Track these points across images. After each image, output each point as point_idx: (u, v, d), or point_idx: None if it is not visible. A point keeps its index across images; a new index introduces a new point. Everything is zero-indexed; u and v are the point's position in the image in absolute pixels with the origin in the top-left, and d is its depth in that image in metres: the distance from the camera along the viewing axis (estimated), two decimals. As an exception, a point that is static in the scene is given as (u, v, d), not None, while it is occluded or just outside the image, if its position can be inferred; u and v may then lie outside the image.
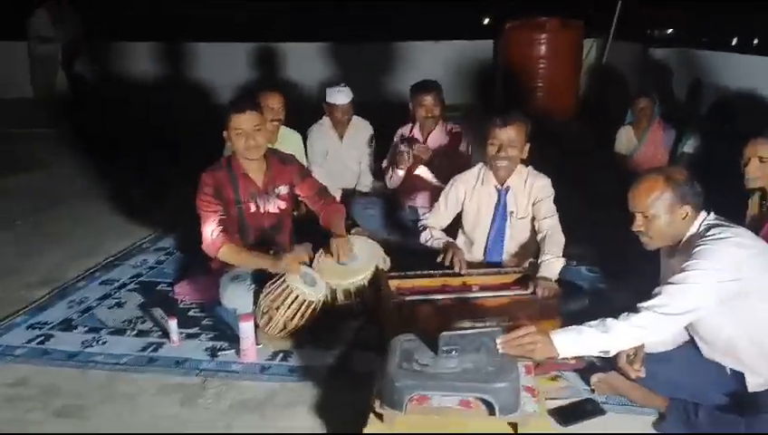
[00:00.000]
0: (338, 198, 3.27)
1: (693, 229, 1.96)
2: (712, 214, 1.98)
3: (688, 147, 3.77)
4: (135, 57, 8.34)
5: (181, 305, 2.96)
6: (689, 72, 4.84)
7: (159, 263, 3.51)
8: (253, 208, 2.79)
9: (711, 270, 1.81)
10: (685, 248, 1.95)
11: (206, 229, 2.65)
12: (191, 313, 2.89)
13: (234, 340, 2.51)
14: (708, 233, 1.90)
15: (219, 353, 2.52)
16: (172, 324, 2.58)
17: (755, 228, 2.32)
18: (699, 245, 1.86)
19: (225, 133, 2.71)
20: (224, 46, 8.21)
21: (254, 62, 8.08)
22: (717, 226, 1.92)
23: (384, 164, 3.75)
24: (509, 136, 2.65)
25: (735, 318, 1.87)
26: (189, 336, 2.66)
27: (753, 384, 1.91)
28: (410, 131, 3.68)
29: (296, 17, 9.60)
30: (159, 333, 2.70)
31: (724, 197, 2.44)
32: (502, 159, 2.69)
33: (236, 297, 2.57)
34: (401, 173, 3.48)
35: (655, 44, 5.87)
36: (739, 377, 1.95)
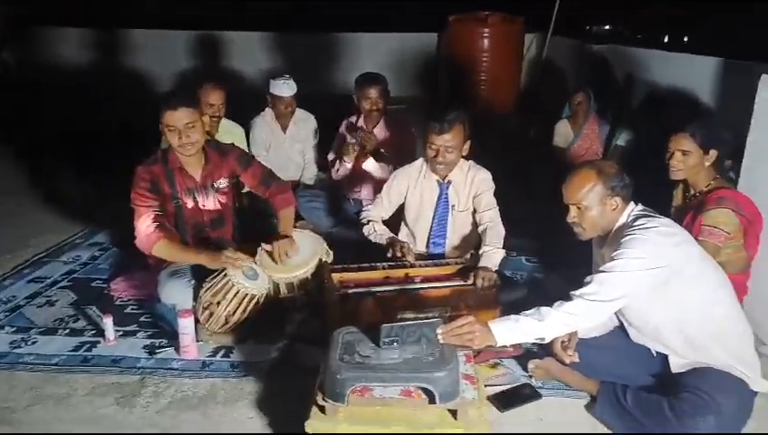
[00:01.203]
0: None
1: (622, 220, 2.06)
2: (639, 205, 2.08)
3: (621, 140, 3.93)
4: (68, 43, 7.92)
5: (117, 303, 2.87)
6: (623, 68, 5.03)
7: (94, 259, 3.38)
8: (191, 204, 2.72)
9: (638, 259, 1.89)
10: (614, 238, 2.04)
11: (141, 224, 2.56)
12: (128, 310, 2.80)
13: (173, 337, 2.46)
14: (636, 223, 1.99)
15: (158, 351, 2.46)
16: (107, 322, 2.50)
17: (679, 218, 2.45)
18: (627, 235, 1.95)
19: (160, 126, 2.62)
20: (163, 33, 7.93)
21: (195, 50, 7.84)
22: (644, 216, 2.02)
23: (330, 156, 3.74)
24: (446, 142, 2.67)
25: (661, 304, 1.97)
26: (126, 334, 2.58)
27: (676, 365, 2.02)
28: (356, 123, 3.67)
29: (238, 5, 9.36)
30: (94, 331, 2.61)
31: (654, 188, 2.57)
32: (440, 162, 2.72)
33: (176, 293, 2.51)
34: (348, 165, 3.47)
35: (592, 41, 6.06)
36: (664, 359, 2.06)
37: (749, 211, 2.37)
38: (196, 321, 2.43)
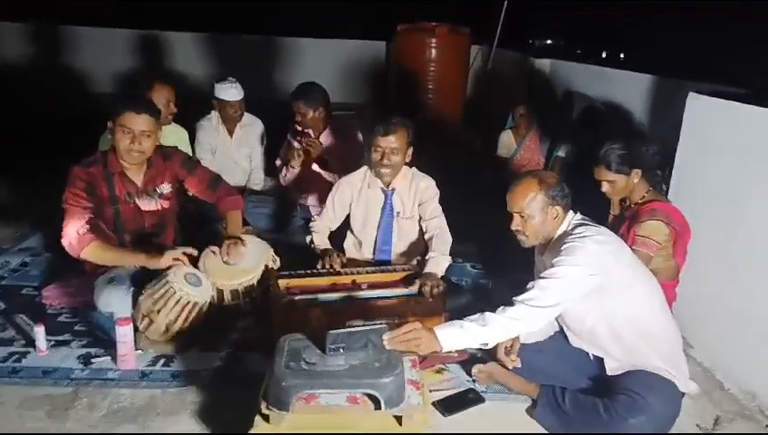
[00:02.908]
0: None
1: (562, 228, 2.13)
2: (578, 214, 2.17)
3: (561, 151, 4.07)
4: (2, 37, 7.52)
5: (50, 311, 2.73)
6: (563, 81, 5.23)
7: (24, 265, 3.21)
8: (131, 209, 2.62)
9: (576, 266, 1.97)
10: (555, 245, 2.11)
11: (71, 226, 2.43)
12: (61, 318, 2.68)
13: (110, 346, 2.36)
14: (575, 232, 2.07)
15: (93, 361, 2.35)
16: (39, 332, 2.38)
17: (616, 227, 2.57)
18: (567, 242, 2.03)
19: (109, 123, 2.51)
20: (102, 31, 7.64)
21: (136, 49, 7.61)
22: (583, 225, 2.10)
23: (277, 162, 3.70)
24: (391, 143, 2.71)
25: (597, 309, 2.05)
26: (59, 344, 2.46)
27: (611, 368, 2.11)
28: (302, 129, 3.64)
29: (181, 4, 9.13)
30: (24, 341, 2.47)
31: (593, 196, 2.68)
32: (385, 166, 2.75)
33: (113, 300, 2.42)
34: (295, 170, 3.45)
35: (534, 54, 6.27)
36: (600, 362, 2.15)
37: (679, 223, 2.50)
38: (135, 329, 2.35)
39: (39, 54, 7.59)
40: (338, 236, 3.00)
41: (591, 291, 1.99)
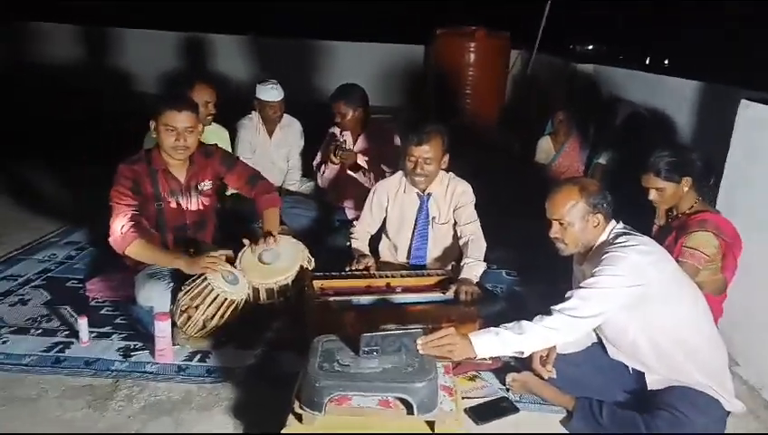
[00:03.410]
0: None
1: (603, 237, 2.08)
2: (620, 223, 2.11)
3: (602, 158, 3.98)
4: (55, 40, 7.82)
5: (93, 303, 2.82)
6: (605, 87, 5.12)
7: (70, 258, 3.31)
8: (173, 205, 2.68)
9: (618, 276, 1.92)
10: (595, 255, 2.06)
11: (117, 223, 2.50)
12: (104, 311, 2.75)
13: (149, 340, 2.41)
14: (616, 241, 2.02)
15: (133, 354, 2.41)
16: (82, 323, 2.45)
17: (662, 237, 2.49)
18: (608, 252, 1.98)
19: (151, 123, 2.58)
20: (149, 33, 7.87)
21: (180, 51, 7.80)
22: (625, 234, 2.05)
23: (315, 161, 3.73)
24: (425, 153, 2.69)
25: (638, 321, 1.99)
26: (101, 336, 2.53)
27: (652, 383, 2.04)
28: (340, 134, 3.67)
29: (226, 7, 9.33)
30: (67, 332, 2.55)
31: (635, 206, 2.62)
32: (419, 174, 2.73)
33: (153, 295, 2.48)
34: (334, 167, 3.48)
35: (576, 60, 6.17)
36: (640, 376, 2.09)
37: (729, 234, 2.41)
38: (173, 324, 2.40)
39: (88, 55, 7.87)
40: (373, 240, 3.01)
41: (633, 302, 1.94)
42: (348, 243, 2.89)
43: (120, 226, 2.50)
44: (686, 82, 3.81)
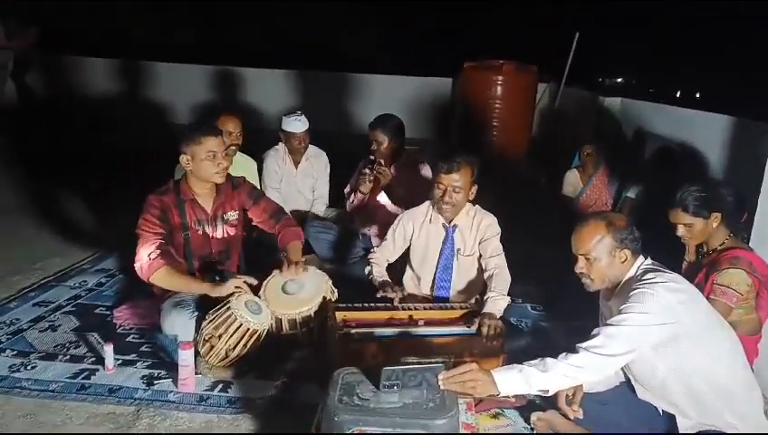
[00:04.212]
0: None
1: (631, 273, 2.04)
2: (649, 259, 2.07)
3: (631, 193, 3.93)
4: (91, 73, 8.18)
5: (119, 330, 2.85)
6: (634, 121, 5.09)
7: (100, 285, 3.38)
8: (200, 235, 2.73)
9: (646, 314, 1.87)
10: (622, 291, 2.02)
11: (144, 251, 2.55)
12: (129, 338, 2.78)
13: (172, 368, 2.42)
14: (645, 277, 1.97)
15: (156, 382, 2.42)
16: (108, 350, 2.48)
17: (692, 274, 2.43)
18: (636, 288, 1.93)
19: (183, 157, 2.64)
20: (182, 67, 8.15)
21: (213, 84, 8.05)
22: (653, 270, 2.00)
23: (347, 189, 3.77)
24: (454, 181, 2.70)
25: (668, 361, 1.93)
26: (126, 363, 2.56)
27: (684, 426, 1.97)
28: (375, 159, 3.71)
29: (257, 42, 9.63)
30: (94, 359, 2.58)
31: (665, 241, 2.56)
32: (447, 203, 2.73)
33: (178, 324, 2.51)
34: (362, 195, 3.51)
35: (604, 93, 6.15)
36: (670, 418, 2.01)
37: (763, 272, 2.34)
38: (197, 353, 2.41)
39: (123, 88, 8.18)
40: (397, 271, 3.00)
41: (662, 341, 1.89)
42: (367, 268, 2.87)
43: (146, 253, 2.55)
44: (717, 117, 3.76)
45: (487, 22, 9.93)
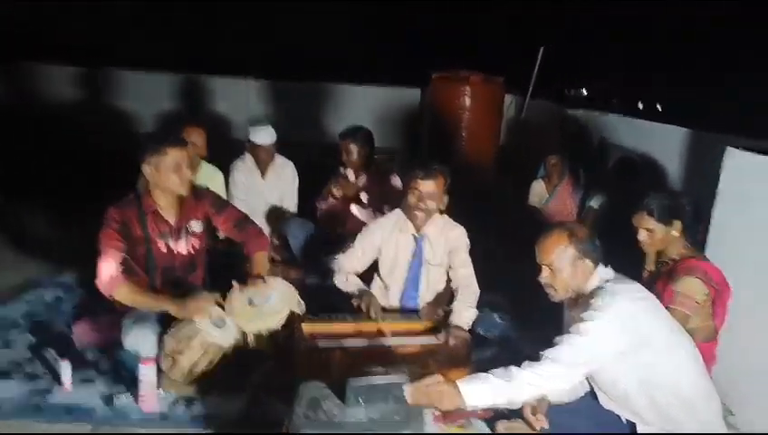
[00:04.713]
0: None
1: (593, 283, 2.07)
2: (610, 269, 2.10)
3: (594, 202, 4.01)
4: (49, 81, 7.96)
5: (78, 347, 2.76)
6: (598, 132, 5.20)
7: (58, 300, 3.27)
8: (163, 248, 2.67)
9: (607, 323, 1.90)
10: (585, 301, 2.05)
11: (105, 266, 2.49)
12: (89, 355, 2.70)
13: (133, 385, 2.36)
14: (606, 287, 2.01)
15: (115, 400, 2.36)
16: (65, 367, 2.40)
17: (651, 284, 2.48)
18: (597, 298, 1.96)
19: (147, 167, 2.58)
20: (148, 75, 8.00)
21: (179, 93, 7.92)
22: (614, 280, 2.04)
23: (317, 202, 3.76)
24: (429, 188, 2.71)
25: (629, 370, 1.96)
26: (84, 381, 2.48)
27: (645, 433, 2.00)
28: (344, 169, 3.72)
29: (225, 51, 9.53)
30: (50, 376, 2.50)
31: (626, 250, 2.61)
32: (420, 209, 2.74)
33: (139, 339, 2.43)
34: (331, 200, 3.54)
35: (569, 105, 6.28)
36: (633, 426, 2.04)
37: (718, 281, 2.40)
38: (159, 370, 2.35)
39: (84, 97, 7.98)
40: (365, 281, 2.98)
41: (624, 350, 1.92)
42: (336, 271, 2.84)
43: (108, 269, 2.48)
44: (675, 129, 3.87)
45: (455, 34, 10.06)
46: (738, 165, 2.55)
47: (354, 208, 3.50)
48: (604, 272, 2.08)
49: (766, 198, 2.41)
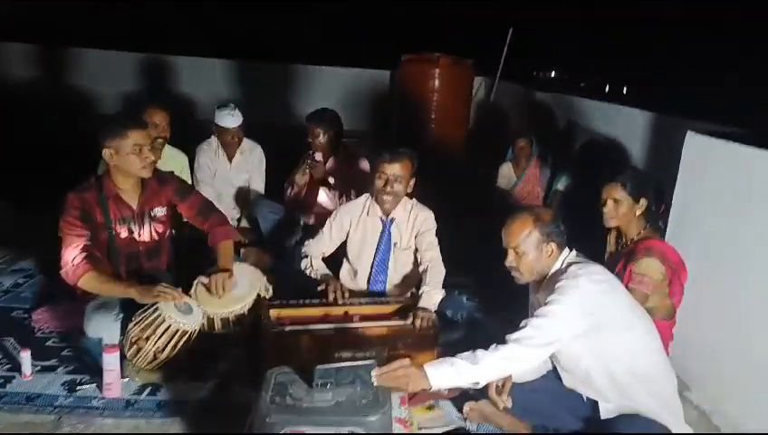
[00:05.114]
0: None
1: (557, 266, 2.11)
2: (573, 251, 2.14)
3: (561, 185, 4.07)
4: (4, 59, 7.64)
5: (38, 335, 2.70)
6: (565, 115, 5.26)
7: (17, 286, 3.19)
8: (125, 233, 2.62)
9: (570, 305, 1.94)
10: (549, 283, 2.08)
11: (68, 255, 2.43)
12: (49, 343, 2.64)
13: (96, 373, 2.32)
14: (569, 270, 2.04)
15: (78, 388, 2.32)
16: (24, 356, 2.35)
17: (612, 264, 2.54)
18: (561, 281, 2.00)
19: (107, 151, 2.51)
20: (110, 54, 7.75)
21: (143, 72, 7.71)
22: (577, 263, 2.08)
23: (286, 185, 3.73)
24: (396, 171, 2.72)
25: (590, 349, 2.01)
26: (45, 369, 2.43)
27: (605, 411, 2.05)
28: (312, 153, 3.68)
29: (191, 29, 9.30)
30: (9, 366, 2.44)
31: (592, 231, 2.66)
32: (387, 193, 2.75)
33: (102, 326, 2.39)
34: (299, 184, 3.50)
35: (537, 87, 6.32)
36: (594, 404, 2.10)
37: (674, 261, 2.47)
38: (123, 357, 2.31)
39: (46, 75, 7.69)
40: (333, 265, 2.98)
41: (586, 331, 1.96)
42: (302, 262, 2.84)
43: (71, 257, 2.43)
44: (638, 112, 3.93)
45: (425, 16, 10.01)
46: (698, 149, 2.61)
47: (322, 193, 3.47)
48: (568, 255, 2.12)
49: (724, 181, 2.47)
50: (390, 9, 10.22)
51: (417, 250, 2.87)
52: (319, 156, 3.61)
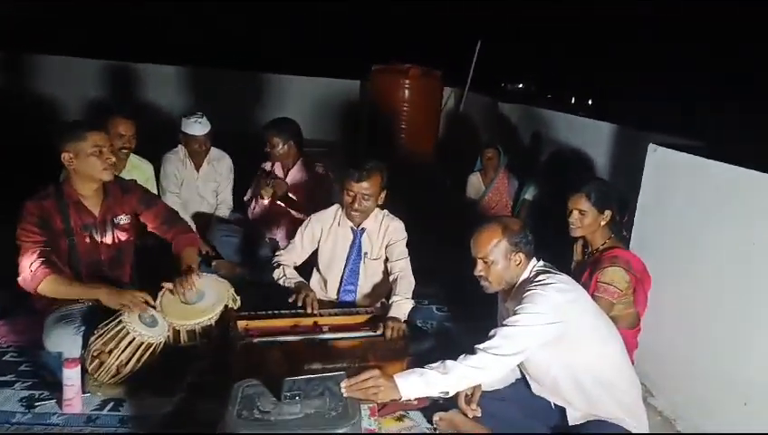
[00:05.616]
0: (193, 227, 3.13)
1: (525, 275, 2.13)
2: (541, 261, 2.17)
3: (529, 194, 4.14)
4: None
5: (-5, 349, 2.60)
6: (532, 126, 5.35)
7: (-28, 300, 3.06)
8: (86, 241, 2.55)
9: (538, 314, 1.96)
10: (517, 292, 2.10)
11: (25, 262, 2.35)
12: (6, 357, 2.55)
13: (56, 389, 2.24)
14: (537, 279, 2.07)
15: (37, 404, 2.24)
16: (-20, 372, 2.26)
17: (578, 273, 2.58)
18: (529, 290, 2.02)
19: (66, 155, 2.45)
20: (73, 61, 7.57)
21: (107, 80, 7.55)
22: (545, 272, 2.11)
23: (246, 197, 3.68)
24: (364, 189, 2.70)
25: (558, 358, 2.04)
26: (2, 385, 2.35)
27: (572, 418, 2.08)
28: (272, 166, 3.65)
29: (157, 36, 9.17)
30: (-35, 382, 2.34)
31: (559, 241, 2.70)
32: (356, 210, 2.74)
33: (63, 340, 2.32)
34: (264, 202, 3.44)
35: (505, 99, 6.42)
36: (562, 411, 2.12)
37: (638, 270, 2.53)
38: (84, 371, 2.24)
39: (8, 83, 7.47)
40: (304, 276, 2.95)
41: (553, 339, 1.98)
42: (276, 272, 2.80)
43: (28, 263, 2.35)
44: (602, 125, 4.03)
45: (395, 26, 10.09)
46: (659, 160, 2.69)
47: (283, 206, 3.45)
48: (536, 264, 2.14)
49: (684, 192, 2.54)
50: (361, 19, 10.28)
51: (387, 260, 2.86)
52: (278, 169, 3.58)
